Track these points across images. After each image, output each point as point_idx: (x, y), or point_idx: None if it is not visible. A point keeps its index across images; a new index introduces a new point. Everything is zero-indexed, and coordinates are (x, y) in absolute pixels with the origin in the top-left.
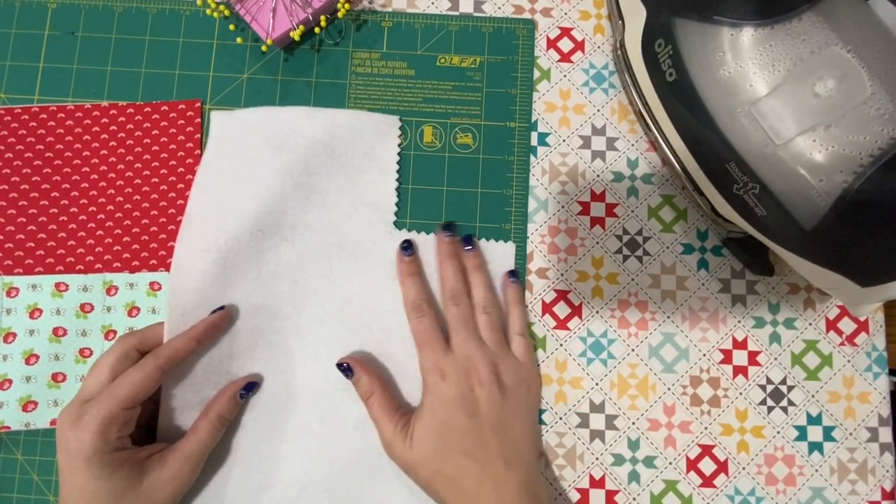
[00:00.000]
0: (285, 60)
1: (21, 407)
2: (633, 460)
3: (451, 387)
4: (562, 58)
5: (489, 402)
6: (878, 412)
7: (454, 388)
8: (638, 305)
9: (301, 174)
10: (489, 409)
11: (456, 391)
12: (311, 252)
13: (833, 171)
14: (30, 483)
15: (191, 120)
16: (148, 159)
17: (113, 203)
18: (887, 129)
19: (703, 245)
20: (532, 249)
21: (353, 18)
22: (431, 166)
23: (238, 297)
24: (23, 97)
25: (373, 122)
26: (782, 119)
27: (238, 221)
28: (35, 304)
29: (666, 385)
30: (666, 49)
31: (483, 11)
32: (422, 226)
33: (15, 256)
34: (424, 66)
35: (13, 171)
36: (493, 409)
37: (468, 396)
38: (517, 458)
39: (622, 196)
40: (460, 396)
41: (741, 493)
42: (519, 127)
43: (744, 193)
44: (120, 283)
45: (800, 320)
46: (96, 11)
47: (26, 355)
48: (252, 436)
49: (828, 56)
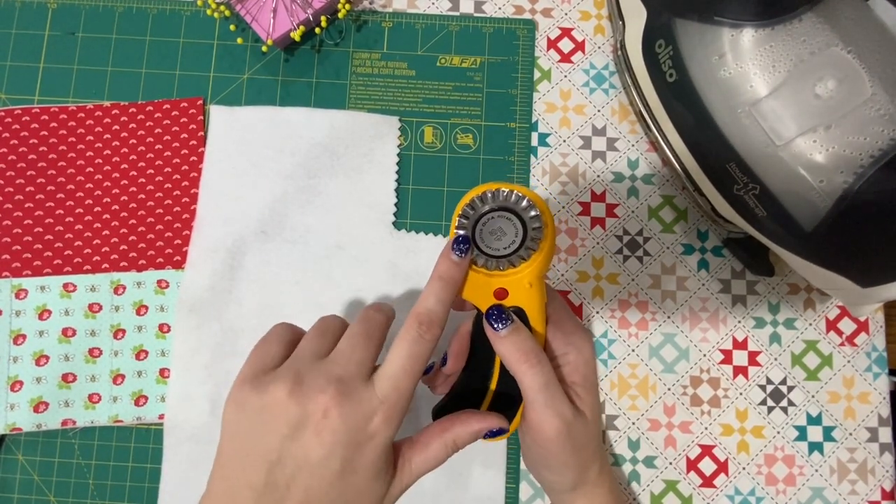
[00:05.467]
0: (286, 61)
1: (32, 408)
2: (634, 460)
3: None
4: (562, 58)
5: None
6: (877, 412)
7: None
8: (638, 306)
9: (302, 176)
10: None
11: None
12: (312, 253)
13: (833, 172)
14: (30, 483)
15: (193, 118)
16: (151, 158)
17: (118, 202)
18: (887, 129)
19: (703, 245)
20: None
21: (353, 19)
22: (432, 167)
23: (242, 296)
24: (23, 98)
25: (372, 122)
26: (783, 120)
27: (243, 223)
28: (44, 305)
29: (666, 385)
30: (666, 50)
31: (483, 12)
32: (422, 226)
33: (23, 259)
34: (425, 66)
35: (17, 173)
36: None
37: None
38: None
39: (622, 196)
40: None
41: (741, 493)
42: (519, 127)
43: (744, 194)
44: (127, 282)
45: (800, 320)
46: (96, 12)
47: (36, 356)
48: None
49: (828, 57)
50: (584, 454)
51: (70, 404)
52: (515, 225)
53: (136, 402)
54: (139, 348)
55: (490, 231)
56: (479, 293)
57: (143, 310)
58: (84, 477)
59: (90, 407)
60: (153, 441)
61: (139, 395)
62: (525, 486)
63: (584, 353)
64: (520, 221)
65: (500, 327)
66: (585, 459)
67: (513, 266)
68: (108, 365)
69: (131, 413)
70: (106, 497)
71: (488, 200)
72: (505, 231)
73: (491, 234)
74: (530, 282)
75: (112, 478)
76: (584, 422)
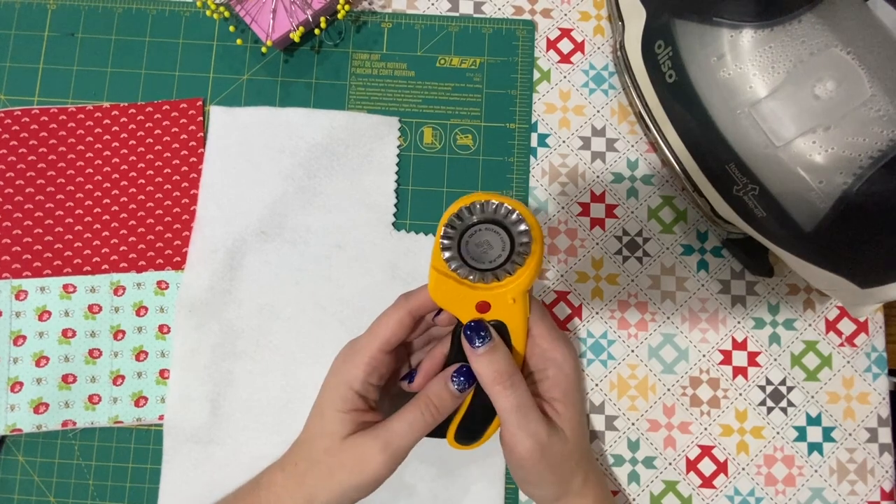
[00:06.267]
0: (285, 62)
1: (32, 409)
2: (633, 461)
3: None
4: (562, 59)
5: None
6: (877, 413)
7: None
8: (638, 306)
9: (302, 177)
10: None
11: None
12: (312, 253)
13: (832, 173)
14: (31, 484)
15: (193, 119)
16: (151, 159)
17: (118, 203)
18: (887, 130)
19: (702, 246)
20: None
21: (352, 20)
22: (431, 167)
23: (242, 296)
24: (22, 99)
25: (371, 123)
26: (782, 121)
27: (243, 223)
28: (44, 306)
29: (666, 386)
30: (666, 50)
31: (483, 12)
32: (421, 227)
33: (23, 260)
34: (424, 67)
35: (17, 174)
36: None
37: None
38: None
39: (622, 197)
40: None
41: (741, 493)
42: (519, 128)
43: (743, 195)
44: (127, 283)
45: (799, 321)
46: (96, 13)
47: (36, 357)
48: (252, 437)
49: (827, 58)
50: (563, 469)
51: (70, 405)
52: (503, 238)
53: (136, 402)
54: (139, 349)
55: (477, 243)
56: (461, 304)
57: (142, 311)
58: (84, 478)
59: (90, 408)
60: (153, 442)
61: (139, 395)
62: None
63: (564, 368)
64: (507, 235)
65: (478, 344)
66: (565, 473)
67: (497, 280)
68: (108, 366)
69: (131, 414)
70: (106, 498)
71: (476, 211)
72: (492, 244)
73: (478, 247)
74: (514, 297)
75: (112, 478)
76: (562, 439)
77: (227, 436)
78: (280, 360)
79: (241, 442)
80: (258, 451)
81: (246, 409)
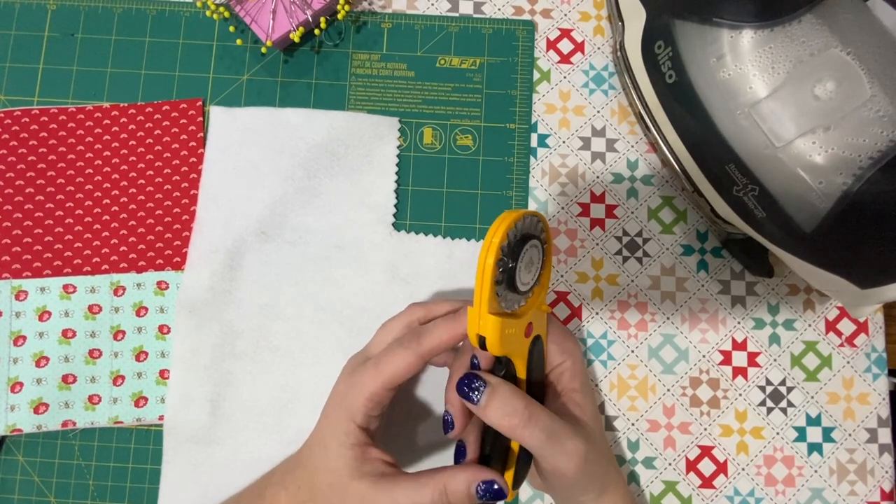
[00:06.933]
0: (285, 62)
1: (32, 409)
2: (633, 461)
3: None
4: (562, 59)
5: None
6: (877, 413)
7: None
8: (638, 307)
9: (302, 178)
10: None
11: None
12: (312, 254)
13: (832, 174)
14: (31, 485)
15: (193, 119)
16: (151, 159)
17: (118, 204)
18: (887, 131)
19: (702, 246)
20: None
21: (352, 20)
22: (431, 168)
23: (242, 296)
24: (22, 99)
25: (371, 123)
26: (782, 121)
27: (243, 224)
28: (44, 306)
29: (665, 386)
30: (666, 51)
31: (483, 13)
32: (421, 227)
33: (23, 260)
34: (424, 67)
35: (17, 174)
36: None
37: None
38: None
39: (622, 197)
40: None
41: (741, 493)
42: (519, 128)
43: (743, 195)
44: (127, 284)
45: (799, 321)
46: (96, 13)
47: (36, 358)
48: (252, 438)
49: (827, 58)
50: (600, 464)
51: (70, 405)
52: (539, 249)
53: (136, 403)
54: (139, 349)
55: (526, 265)
56: (518, 341)
57: (142, 311)
58: (84, 478)
59: (90, 408)
60: (153, 442)
61: (139, 396)
62: (525, 486)
63: (577, 356)
64: (539, 243)
65: (476, 397)
66: (601, 466)
67: (531, 294)
68: (108, 366)
69: (131, 414)
70: (106, 498)
71: (511, 239)
72: (533, 260)
73: (527, 270)
74: (541, 301)
75: (112, 479)
76: (592, 437)
77: (227, 436)
78: (280, 360)
79: (240, 442)
80: (258, 451)
81: (246, 410)
